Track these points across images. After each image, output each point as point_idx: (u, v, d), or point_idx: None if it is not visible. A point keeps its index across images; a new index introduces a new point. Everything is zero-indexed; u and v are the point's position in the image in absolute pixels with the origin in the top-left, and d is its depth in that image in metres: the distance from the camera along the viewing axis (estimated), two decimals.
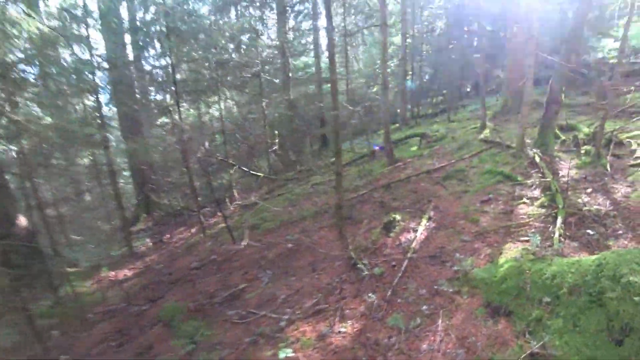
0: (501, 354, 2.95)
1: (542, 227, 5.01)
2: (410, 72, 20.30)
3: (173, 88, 10.75)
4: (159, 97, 15.14)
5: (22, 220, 9.11)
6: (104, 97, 14.88)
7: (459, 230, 5.61)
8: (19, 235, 8.30)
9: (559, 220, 4.85)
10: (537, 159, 6.98)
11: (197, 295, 7.09)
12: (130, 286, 9.18)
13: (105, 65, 10.70)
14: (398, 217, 6.27)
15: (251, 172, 13.87)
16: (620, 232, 4.45)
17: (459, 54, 18.30)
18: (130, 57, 14.53)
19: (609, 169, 6.21)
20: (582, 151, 7.00)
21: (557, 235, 4.49)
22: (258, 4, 18.29)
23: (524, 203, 5.90)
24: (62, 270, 8.98)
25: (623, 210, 4.98)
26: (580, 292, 2.89)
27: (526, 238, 4.77)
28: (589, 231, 4.58)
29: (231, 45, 15.09)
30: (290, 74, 16.42)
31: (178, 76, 11.22)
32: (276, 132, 16.03)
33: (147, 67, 14.31)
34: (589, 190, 5.71)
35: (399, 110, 18.81)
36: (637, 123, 7.89)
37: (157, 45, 12.01)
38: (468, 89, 20.53)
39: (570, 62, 7.67)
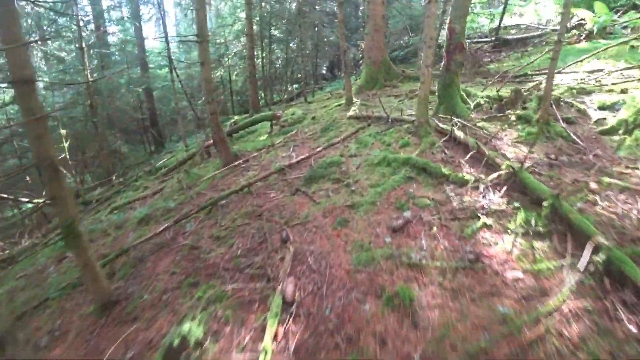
0: None
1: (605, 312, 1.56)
2: (261, 54, 16.41)
3: None
4: None
5: None
6: None
7: (371, 350, 1.74)
8: None
9: None
10: (459, 134, 3.78)
11: None
12: None
13: None
14: (199, 330, 2.01)
15: (13, 199, 7.45)
16: None
17: (312, 34, 15.20)
18: None
19: (579, 141, 3.37)
20: (513, 117, 4.16)
21: None
22: None
23: (487, 227, 2.47)
24: None
25: None
26: None
27: None
28: None
29: None
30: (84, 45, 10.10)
31: None
32: (63, 132, 9.40)
33: None
34: (593, 185, 2.65)
35: (249, 98, 14.71)
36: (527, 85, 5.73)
37: None
38: (324, 71, 17.85)
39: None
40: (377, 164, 3.98)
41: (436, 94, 5.04)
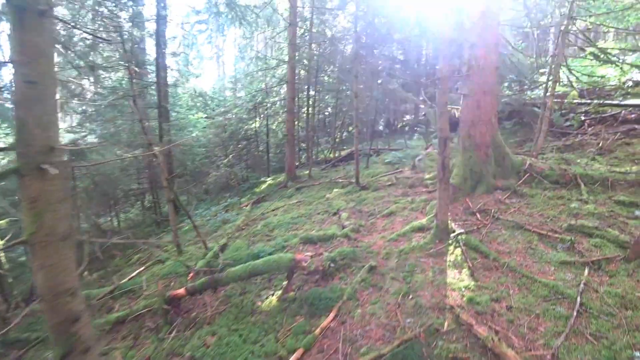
0: None
1: None
2: (307, 103, 13.08)
3: None
4: None
5: None
6: None
7: None
8: None
9: None
10: None
11: None
12: None
13: None
14: None
15: None
16: None
17: (371, 84, 11.37)
18: None
19: None
20: None
21: None
22: None
23: None
24: None
25: None
26: None
27: None
28: None
29: None
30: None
31: None
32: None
33: None
34: None
35: (286, 159, 11.13)
36: None
37: None
38: (380, 127, 13.86)
39: None
40: None
41: None
